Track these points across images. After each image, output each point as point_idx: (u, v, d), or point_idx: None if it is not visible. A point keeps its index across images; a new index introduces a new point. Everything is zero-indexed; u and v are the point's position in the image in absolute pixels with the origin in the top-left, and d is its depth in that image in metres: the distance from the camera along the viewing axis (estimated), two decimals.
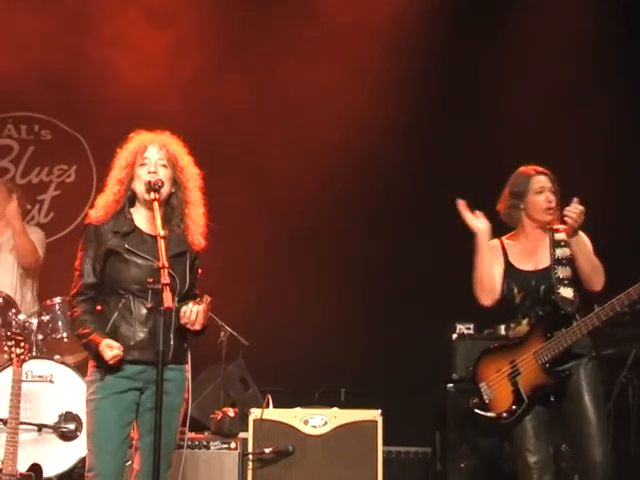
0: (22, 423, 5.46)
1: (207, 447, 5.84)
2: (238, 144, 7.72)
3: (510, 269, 4.76)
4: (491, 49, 7.74)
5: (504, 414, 4.70)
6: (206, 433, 6.09)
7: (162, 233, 4.05)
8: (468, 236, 7.56)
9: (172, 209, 4.28)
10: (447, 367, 6.60)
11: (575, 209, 4.55)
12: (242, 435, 5.95)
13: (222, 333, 6.62)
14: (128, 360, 4.15)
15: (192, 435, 5.77)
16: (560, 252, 4.77)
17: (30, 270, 6.82)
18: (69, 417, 5.87)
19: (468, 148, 7.69)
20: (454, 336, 6.69)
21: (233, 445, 5.84)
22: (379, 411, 5.86)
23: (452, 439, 6.47)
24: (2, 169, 7.90)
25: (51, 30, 7.44)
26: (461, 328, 6.69)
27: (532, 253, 4.81)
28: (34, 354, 6.02)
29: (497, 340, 6.29)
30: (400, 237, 7.83)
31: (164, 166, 4.22)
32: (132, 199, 4.31)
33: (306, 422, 5.85)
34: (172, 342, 4.10)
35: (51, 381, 5.68)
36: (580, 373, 4.66)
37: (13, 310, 6.31)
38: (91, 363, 4.18)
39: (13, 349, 5.39)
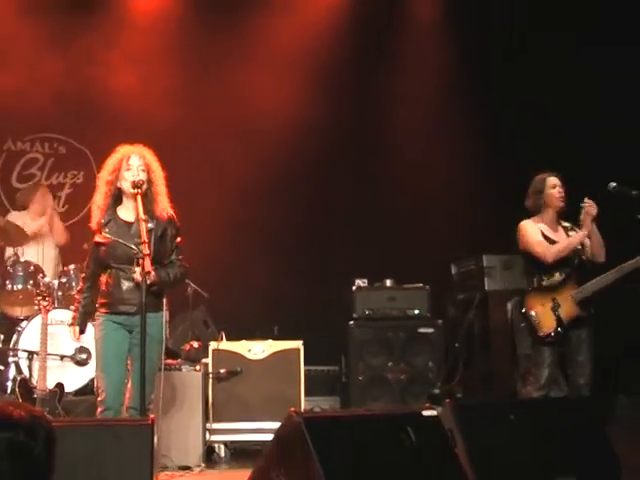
0: (49, 354, 6.04)
1: (180, 370, 6.38)
2: (205, 139, 8.48)
3: (548, 240, 5.61)
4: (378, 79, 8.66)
5: (552, 333, 5.43)
6: (179, 360, 6.60)
7: (143, 217, 4.75)
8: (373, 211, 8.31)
9: (147, 200, 4.91)
10: (349, 310, 7.39)
11: (590, 203, 5.47)
12: (204, 361, 6.51)
13: (188, 288, 7.18)
14: (115, 311, 4.85)
15: (169, 361, 6.11)
16: (571, 234, 5.64)
17: (63, 247, 7.51)
18: (82, 350, 6.51)
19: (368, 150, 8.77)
20: (354, 288, 7.44)
21: (198, 368, 6.38)
22: (301, 342, 6.56)
23: (352, 360, 7.20)
24: (32, 174, 8.75)
25: (65, 67, 8.05)
26: (358, 282, 7.42)
27: (555, 230, 5.64)
28: (56, 305, 6.64)
29: (385, 290, 7.28)
30: (324, 211, 8.69)
31: (143, 170, 4.91)
32: (119, 197, 4.96)
33: (250, 350, 6.50)
34: (145, 297, 4.61)
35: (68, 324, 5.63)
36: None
37: (40, 274, 6.98)
38: (97, 313, 4.94)
39: (41, 302, 6.02)
